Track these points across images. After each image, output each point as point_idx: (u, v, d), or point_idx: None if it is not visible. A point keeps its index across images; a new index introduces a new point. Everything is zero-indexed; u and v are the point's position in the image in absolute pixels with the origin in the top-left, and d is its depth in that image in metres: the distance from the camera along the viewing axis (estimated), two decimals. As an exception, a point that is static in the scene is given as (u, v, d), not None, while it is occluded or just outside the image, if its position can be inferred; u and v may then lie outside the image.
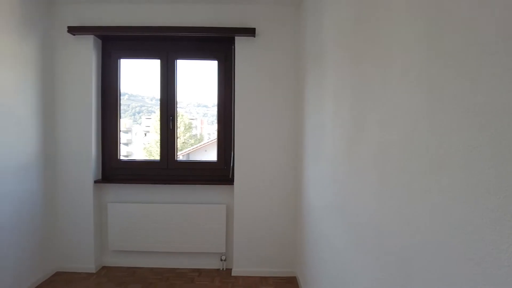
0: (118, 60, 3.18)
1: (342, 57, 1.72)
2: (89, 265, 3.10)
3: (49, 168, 3.00)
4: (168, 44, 3.14)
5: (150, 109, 4.52)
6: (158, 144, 3.23)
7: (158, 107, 3.21)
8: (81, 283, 2.90)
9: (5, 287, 2.52)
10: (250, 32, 2.93)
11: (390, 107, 1.14)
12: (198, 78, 3.48)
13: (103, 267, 3.21)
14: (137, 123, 5.03)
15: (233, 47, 3.08)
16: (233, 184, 3.09)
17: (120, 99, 3.24)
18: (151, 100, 4.22)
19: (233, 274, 3.10)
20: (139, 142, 5.41)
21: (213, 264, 3.22)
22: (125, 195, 3.19)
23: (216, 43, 3.13)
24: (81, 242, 3.09)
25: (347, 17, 1.66)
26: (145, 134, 5.40)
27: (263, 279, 3.04)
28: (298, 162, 2.98)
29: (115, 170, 3.22)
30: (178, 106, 3.23)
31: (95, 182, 3.08)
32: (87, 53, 3.02)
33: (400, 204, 1.05)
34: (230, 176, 3.16)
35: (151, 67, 3.28)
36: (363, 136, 1.40)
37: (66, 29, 2.96)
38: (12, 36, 2.55)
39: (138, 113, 4.81)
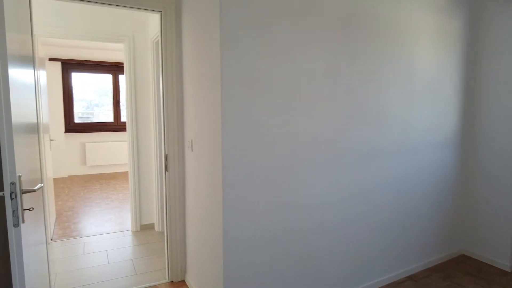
0: None
1: None
2: (503, 261, 2.62)
3: (466, 146, 2.77)
4: None
5: None
6: None
7: None
8: (495, 278, 2.48)
9: (410, 255, 2.59)
10: None
11: None
12: None
13: (523, 269, 2.61)
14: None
15: None
16: None
17: None
18: None
19: None
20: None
21: None
22: None
23: None
24: (494, 230, 2.65)
25: None
26: None
27: None
28: None
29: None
30: None
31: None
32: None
33: None
34: None
35: None
36: None
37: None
38: (440, 15, 2.44)
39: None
